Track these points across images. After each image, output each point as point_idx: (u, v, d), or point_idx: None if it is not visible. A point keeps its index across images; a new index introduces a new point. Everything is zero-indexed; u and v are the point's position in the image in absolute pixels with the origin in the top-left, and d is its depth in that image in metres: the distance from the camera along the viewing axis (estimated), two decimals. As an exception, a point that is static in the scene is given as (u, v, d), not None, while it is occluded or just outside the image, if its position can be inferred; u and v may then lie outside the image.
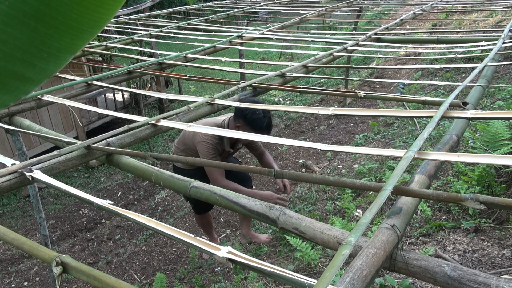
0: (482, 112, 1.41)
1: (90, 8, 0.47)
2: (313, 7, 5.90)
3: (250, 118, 2.48)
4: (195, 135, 2.62)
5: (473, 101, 1.89)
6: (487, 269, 1.96)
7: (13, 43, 0.46)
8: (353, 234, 0.79)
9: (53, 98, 2.30)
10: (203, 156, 2.59)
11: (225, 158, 2.83)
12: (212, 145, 2.59)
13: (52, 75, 0.52)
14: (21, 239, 1.06)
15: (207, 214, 3.18)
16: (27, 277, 3.62)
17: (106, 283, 0.86)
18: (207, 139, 2.58)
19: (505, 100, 3.80)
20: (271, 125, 2.58)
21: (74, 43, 0.50)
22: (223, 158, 2.79)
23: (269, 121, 2.53)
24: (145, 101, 7.10)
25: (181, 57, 3.09)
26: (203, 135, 2.57)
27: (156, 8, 11.68)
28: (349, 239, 0.78)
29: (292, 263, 2.69)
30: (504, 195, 2.41)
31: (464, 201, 0.94)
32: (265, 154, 3.00)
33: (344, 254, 0.74)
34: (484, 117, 1.52)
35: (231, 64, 3.52)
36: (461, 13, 7.45)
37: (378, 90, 6.31)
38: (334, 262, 0.73)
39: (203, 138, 2.58)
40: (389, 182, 0.99)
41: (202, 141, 2.59)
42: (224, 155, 2.79)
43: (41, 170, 1.42)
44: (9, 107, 2.20)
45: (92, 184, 5.40)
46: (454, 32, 4.94)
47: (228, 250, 0.87)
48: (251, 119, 2.48)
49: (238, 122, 2.55)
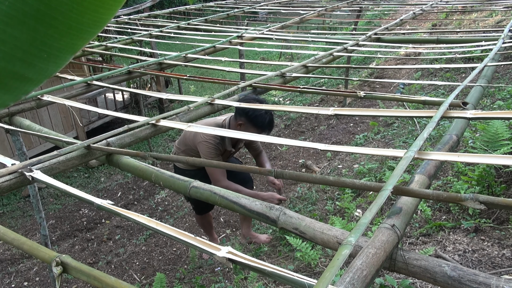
0: (482, 112, 1.41)
1: (90, 8, 0.47)
2: (313, 7, 5.90)
3: (252, 115, 2.46)
4: (196, 136, 2.59)
5: (473, 101, 1.90)
6: (487, 269, 1.96)
7: (13, 43, 0.46)
8: (353, 234, 0.79)
9: (53, 98, 2.30)
10: (204, 157, 2.55)
11: (226, 158, 2.80)
12: (214, 145, 2.56)
13: (52, 75, 0.52)
14: (21, 239, 1.06)
15: (207, 214, 3.16)
16: (27, 277, 3.62)
17: (106, 283, 0.86)
18: (208, 139, 2.55)
19: (505, 100, 3.80)
20: (273, 122, 2.56)
21: (74, 43, 0.50)
22: (225, 158, 2.76)
23: (271, 117, 2.52)
24: (145, 101, 7.10)
25: (181, 57, 3.09)
26: (204, 135, 2.54)
27: (156, 8, 11.68)
28: (349, 239, 0.78)
29: (292, 263, 2.69)
30: (504, 195, 2.42)
31: (464, 201, 0.94)
32: (262, 154, 3.02)
33: (344, 254, 0.74)
34: (484, 117, 1.52)
35: (231, 64, 3.52)
36: (461, 13, 7.45)
37: (378, 90, 6.31)
38: (334, 262, 0.73)
39: (204, 138, 2.55)
40: (389, 182, 0.99)
41: (203, 141, 2.55)
42: (226, 155, 2.76)
43: (41, 170, 1.42)
44: (9, 107, 2.20)
45: (92, 184, 5.40)
46: (454, 32, 4.94)
47: (228, 250, 0.87)
48: (253, 116, 2.46)
49: (239, 120, 2.53)
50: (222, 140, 2.58)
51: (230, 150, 2.71)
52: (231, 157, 2.97)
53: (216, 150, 2.57)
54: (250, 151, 3.04)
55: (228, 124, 2.64)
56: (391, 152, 1.31)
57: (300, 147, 4.63)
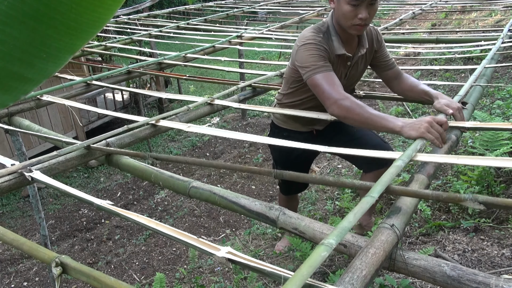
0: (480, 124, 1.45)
1: (89, 8, 0.47)
2: (312, 6, 5.90)
3: None
4: (294, 51, 1.77)
5: (472, 101, 1.90)
6: (487, 268, 1.96)
7: (12, 43, 0.46)
8: (335, 237, 0.79)
9: (53, 98, 2.30)
10: (305, 67, 1.67)
11: (343, 68, 1.82)
12: (316, 44, 1.68)
13: (51, 75, 0.52)
14: (20, 240, 1.06)
15: (294, 196, 2.58)
16: (26, 277, 3.62)
17: (106, 284, 0.86)
18: (307, 37, 1.71)
19: (505, 100, 3.80)
20: None
21: (73, 43, 0.50)
22: (339, 68, 1.80)
23: None
24: (145, 101, 7.10)
25: (181, 57, 3.09)
26: (301, 39, 1.73)
27: (156, 8, 11.67)
28: (330, 241, 0.77)
29: (292, 263, 2.69)
30: (503, 194, 2.42)
31: (464, 201, 0.94)
32: (404, 75, 1.94)
33: (323, 256, 0.73)
34: (481, 128, 1.57)
35: (230, 64, 3.52)
36: (461, 12, 7.45)
37: (378, 90, 6.31)
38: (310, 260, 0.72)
39: (301, 41, 1.73)
40: (375, 189, 0.99)
41: (301, 46, 1.71)
42: (340, 63, 1.80)
43: (40, 171, 1.42)
44: (8, 107, 2.20)
45: (91, 184, 5.40)
46: (454, 32, 4.94)
47: (227, 250, 0.87)
48: None
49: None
50: (326, 39, 1.73)
51: (343, 54, 1.76)
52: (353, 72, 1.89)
53: (321, 51, 1.68)
54: (381, 71, 1.96)
55: (331, 17, 1.78)
56: (388, 154, 1.31)
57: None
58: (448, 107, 1.56)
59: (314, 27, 1.77)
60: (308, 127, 2.03)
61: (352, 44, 1.81)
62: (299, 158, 2.12)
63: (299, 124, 2.02)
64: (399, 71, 1.94)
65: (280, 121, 2.08)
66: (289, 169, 1.35)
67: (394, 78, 1.93)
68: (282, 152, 2.12)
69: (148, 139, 5.63)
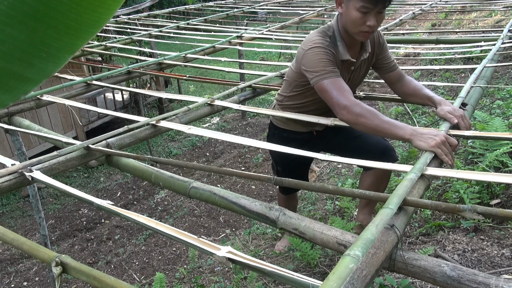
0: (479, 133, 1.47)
1: (89, 8, 0.47)
2: (312, 7, 5.90)
3: None
4: (299, 55, 1.76)
5: (472, 102, 1.90)
6: (487, 268, 1.96)
7: (12, 43, 0.46)
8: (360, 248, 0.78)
9: (53, 98, 2.30)
10: (313, 72, 1.66)
11: (347, 73, 1.85)
12: (324, 48, 1.68)
13: (51, 75, 0.52)
14: (20, 239, 1.06)
15: (293, 195, 2.59)
16: (26, 277, 3.62)
17: (106, 283, 0.86)
18: (314, 41, 1.70)
19: (505, 100, 3.80)
20: None
21: (73, 43, 0.50)
22: (343, 73, 1.81)
23: None
24: (145, 101, 7.10)
25: (181, 57, 3.09)
26: (307, 42, 1.73)
27: (156, 8, 11.68)
28: (357, 253, 0.77)
29: (292, 262, 2.69)
30: (503, 194, 2.42)
31: (463, 212, 0.96)
32: (407, 78, 1.95)
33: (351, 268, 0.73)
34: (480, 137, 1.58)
35: (230, 64, 3.52)
36: (461, 13, 7.46)
37: (378, 90, 6.31)
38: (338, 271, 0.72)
39: (307, 45, 1.72)
40: (392, 201, 1.00)
41: (308, 50, 1.70)
42: (344, 68, 1.82)
43: (40, 171, 1.42)
44: (8, 107, 2.20)
45: (91, 184, 5.40)
46: (454, 32, 4.95)
47: (228, 250, 0.87)
48: None
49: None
50: (333, 43, 1.73)
51: (347, 60, 1.78)
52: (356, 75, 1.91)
53: (328, 55, 1.68)
54: (382, 73, 1.98)
55: (336, 22, 1.80)
56: (393, 166, 1.34)
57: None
58: (452, 114, 1.58)
59: (319, 31, 1.77)
60: (308, 127, 2.03)
61: (355, 48, 1.82)
62: (299, 159, 2.13)
63: (299, 125, 2.02)
64: (401, 73, 1.94)
65: (279, 122, 2.08)
66: (288, 169, 1.36)
67: (396, 80, 1.94)
68: (281, 153, 2.13)
69: (148, 139, 5.63)
